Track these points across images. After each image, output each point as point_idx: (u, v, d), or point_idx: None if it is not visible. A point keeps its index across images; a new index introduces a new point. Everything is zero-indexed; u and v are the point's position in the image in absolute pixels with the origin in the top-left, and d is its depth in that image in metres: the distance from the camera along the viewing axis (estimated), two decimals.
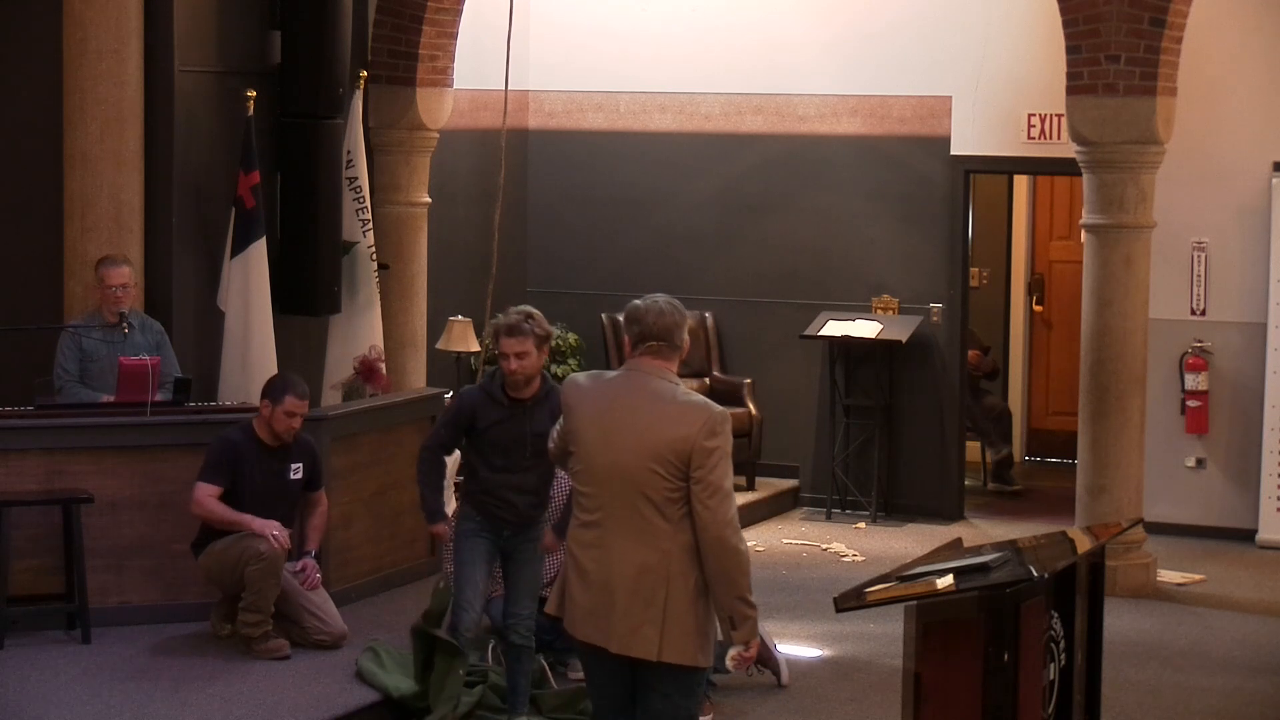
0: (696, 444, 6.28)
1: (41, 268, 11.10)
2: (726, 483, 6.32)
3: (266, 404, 9.65)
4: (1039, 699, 7.11)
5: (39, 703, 8.78)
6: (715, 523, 6.28)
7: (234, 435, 9.67)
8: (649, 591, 6.35)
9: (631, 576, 6.37)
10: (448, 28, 12.68)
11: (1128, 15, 11.18)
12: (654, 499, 6.34)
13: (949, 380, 13.60)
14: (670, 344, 6.46)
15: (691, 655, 6.38)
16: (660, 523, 6.34)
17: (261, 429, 9.67)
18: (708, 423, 6.32)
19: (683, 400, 6.39)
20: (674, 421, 6.33)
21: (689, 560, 6.34)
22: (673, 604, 6.34)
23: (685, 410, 6.35)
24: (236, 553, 9.45)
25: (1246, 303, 12.89)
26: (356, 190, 12.05)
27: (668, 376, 6.45)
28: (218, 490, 9.54)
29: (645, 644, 6.35)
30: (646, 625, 6.35)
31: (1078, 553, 7.66)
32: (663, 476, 6.31)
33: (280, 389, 9.68)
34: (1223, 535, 12.92)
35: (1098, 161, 11.39)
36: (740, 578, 6.32)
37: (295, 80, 11.74)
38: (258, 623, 9.53)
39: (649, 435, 6.34)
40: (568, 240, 14.56)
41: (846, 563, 12.34)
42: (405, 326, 12.66)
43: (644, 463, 6.33)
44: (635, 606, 6.36)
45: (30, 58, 11.18)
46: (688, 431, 6.30)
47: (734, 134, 14.16)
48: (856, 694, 9.48)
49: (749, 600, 6.35)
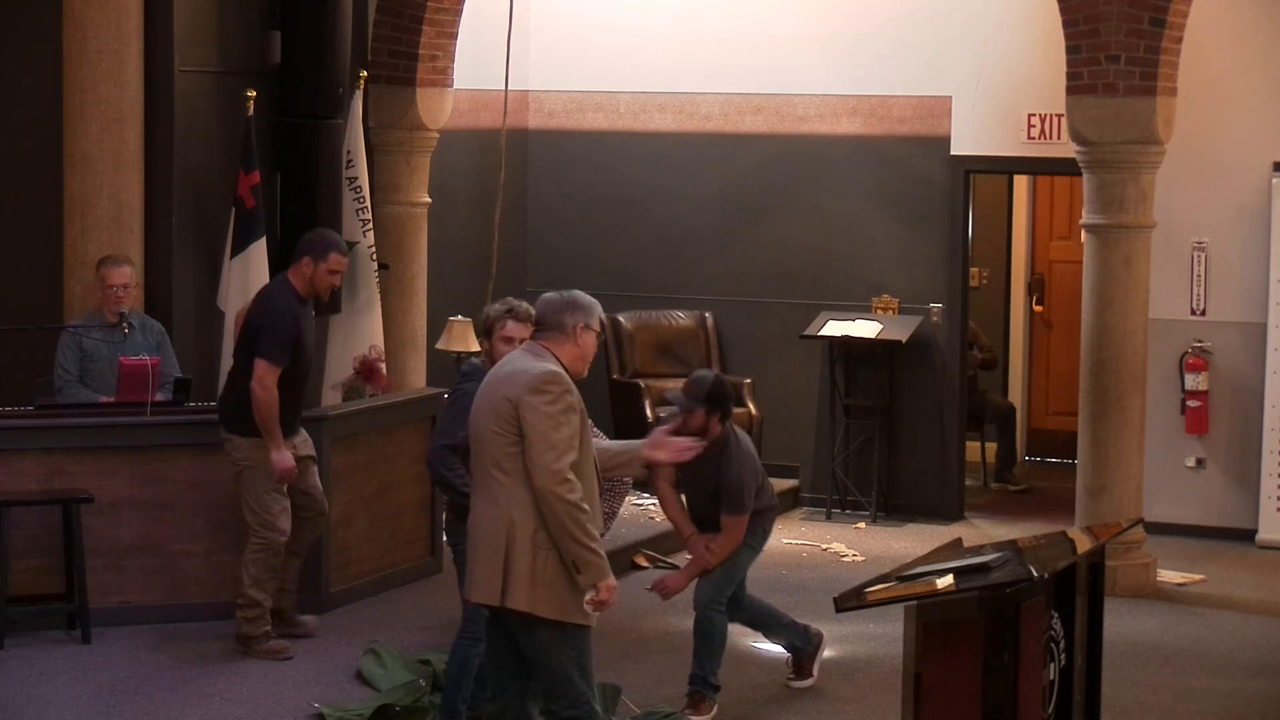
0: (521, 399, 6.75)
1: (41, 268, 11.11)
2: (554, 435, 6.72)
3: (308, 261, 9.56)
4: (1039, 699, 7.11)
5: (39, 703, 8.79)
6: (538, 473, 6.71)
7: (286, 306, 9.52)
8: (493, 541, 6.82)
9: (484, 530, 6.88)
10: (448, 28, 12.68)
11: (1128, 15, 11.18)
12: (496, 457, 6.82)
13: (949, 380, 13.60)
14: (550, 326, 6.96)
15: (531, 603, 6.75)
16: (502, 478, 6.81)
17: (300, 284, 9.59)
18: (532, 381, 6.77)
19: (522, 366, 6.85)
20: (508, 383, 6.84)
21: (527, 513, 6.77)
22: (513, 554, 6.78)
23: (520, 373, 6.81)
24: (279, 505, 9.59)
25: (1246, 303, 12.89)
26: (356, 190, 12.05)
27: (539, 352, 6.92)
28: (279, 371, 9.45)
29: (490, 591, 6.83)
30: (492, 574, 6.81)
31: (1078, 553, 7.67)
32: (499, 434, 6.80)
33: (324, 246, 9.61)
34: (1223, 535, 12.91)
35: (1098, 161, 11.39)
36: (568, 522, 6.71)
37: (295, 80, 11.75)
38: (256, 618, 9.54)
39: (491, 398, 6.87)
40: (568, 240, 14.56)
41: (846, 563, 12.34)
42: (405, 326, 12.67)
43: (488, 424, 6.85)
44: (486, 556, 6.85)
45: (30, 58, 11.18)
46: (514, 390, 6.78)
47: (734, 134, 14.16)
48: (856, 694, 9.48)
49: (587, 545, 6.73)
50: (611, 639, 10.12)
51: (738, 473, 9.02)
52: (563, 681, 6.83)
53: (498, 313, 8.40)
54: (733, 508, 9.03)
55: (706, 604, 9.07)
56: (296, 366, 9.58)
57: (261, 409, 9.46)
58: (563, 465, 6.70)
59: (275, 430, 9.47)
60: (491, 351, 8.35)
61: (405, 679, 9.13)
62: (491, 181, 13.49)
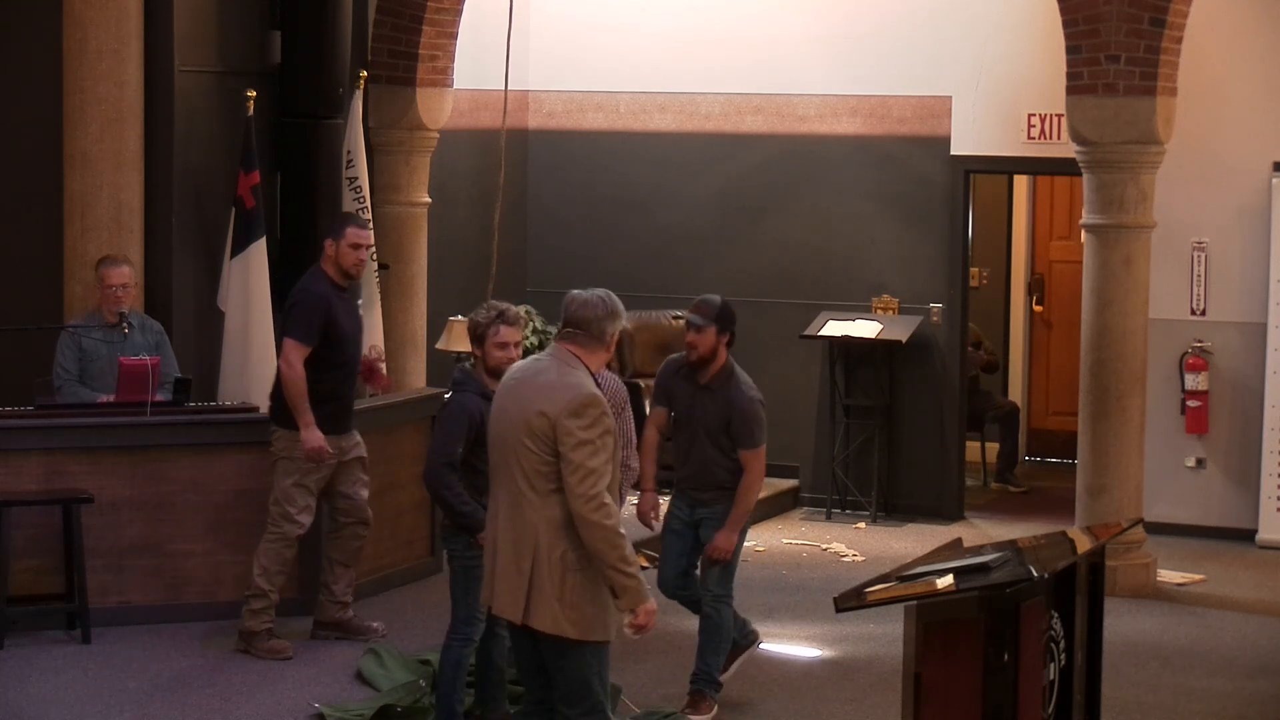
0: (559, 422, 6.59)
1: (41, 268, 11.10)
2: (592, 462, 6.58)
3: (329, 242, 9.64)
4: (1039, 699, 7.11)
5: (39, 703, 8.79)
6: (575, 498, 6.58)
7: (316, 288, 9.57)
8: (518, 559, 6.70)
9: (508, 543, 6.75)
10: (448, 28, 12.68)
11: (1128, 15, 11.18)
12: (526, 471, 6.67)
13: (949, 380, 13.60)
14: (588, 333, 6.76)
15: (556, 624, 6.66)
16: (530, 494, 6.67)
17: (331, 270, 9.63)
18: (570, 403, 6.59)
19: (558, 380, 6.68)
20: (544, 399, 6.64)
21: (556, 533, 6.65)
22: (538, 573, 6.66)
23: (556, 389, 6.65)
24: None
25: (1246, 303, 12.89)
26: (356, 190, 12.05)
27: (571, 361, 6.73)
28: (307, 351, 9.47)
29: (513, 608, 6.72)
30: (516, 590, 6.70)
31: (1078, 553, 7.67)
32: (532, 450, 6.64)
33: (339, 224, 9.72)
34: (1223, 535, 12.91)
35: (1098, 161, 11.39)
36: (608, 550, 6.61)
37: (295, 80, 11.75)
38: (261, 610, 9.56)
39: (523, 409, 6.68)
40: (568, 240, 14.56)
41: (846, 563, 12.34)
42: (405, 326, 12.67)
43: (518, 435, 6.68)
44: (510, 571, 6.73)
45: (30, 58, 11.18)
46: (551, 409, 6.60)
47: (734, 134, 14.16)
48: (856, 694, 9.48)
49: (623, 570, 6.64)
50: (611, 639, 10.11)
51: (748, 399, 8.96)
52: (583, 689, 6.78)
53: (487, 319, 8.33)
54: (748, 439, 8.91)
55: (715, 598, 9.00)
56: (335, 353, 9.58)
57: (288, 387, 9.48)
58: (600, 489, 6.59)
59: (304, 408, 9.47)
60: (485, 359, 8.31)
61: (405, 679, 9.13)
62: (491, 181, 13.49)
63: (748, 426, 8.92)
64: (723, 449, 8.95)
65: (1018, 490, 14.58)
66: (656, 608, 6.79)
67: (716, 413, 8.93)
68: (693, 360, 8.98)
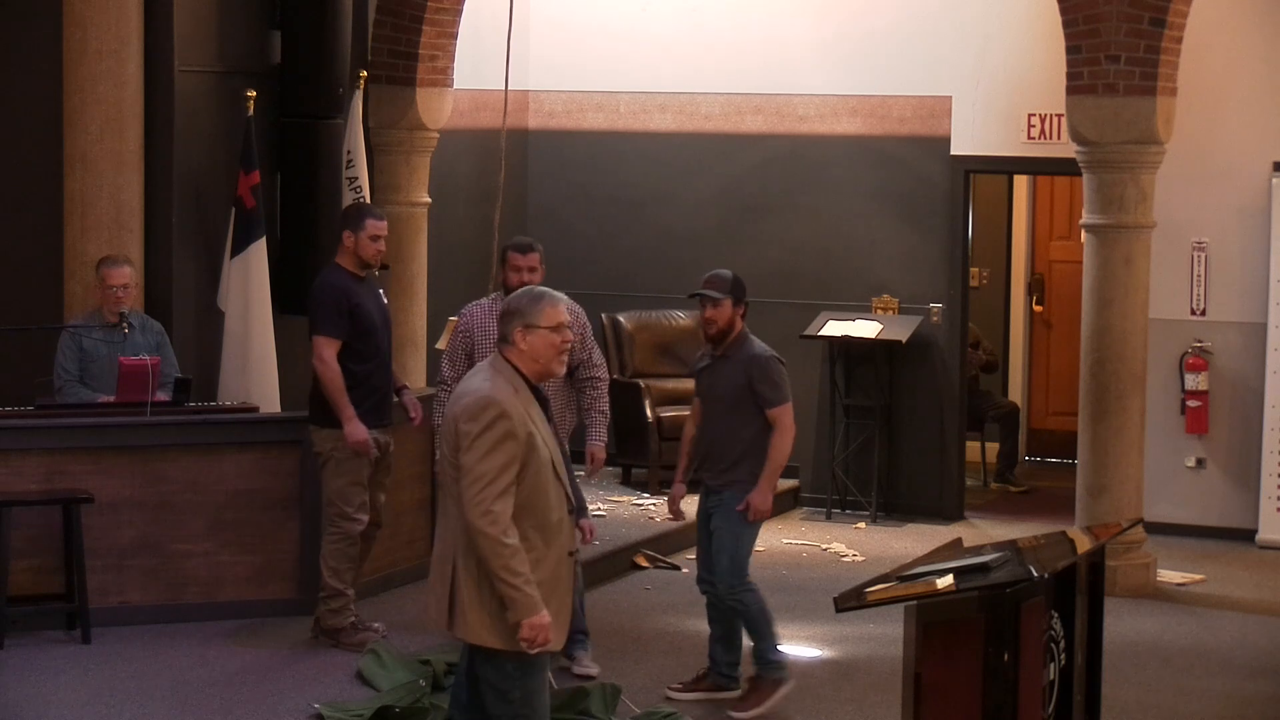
0: (458, 427, 6.51)
1: (41, 268, 11.10)
2: (481, 466, 6.43)
3: (348, 234, 9.63)
4: (1039, 699, 7.11)
5: (39, 703, 8.78)
6: (464, 505, 6.47)
7: (335, 280, 9.58)
8: (442, 568, 6.63)
9: (437, 553, 6.71)
10: (448, 28, 12.68)
11: (1128, 15, 11.19)
12: (446, 481, 6.65)
13: (949, 380, 13.60)
14: (504, 339, 6.68)
15: (477, 634, 6.56)
16: (451, 505, 6.61)
17: (349, 263, 9.64)
18: (468, 406, 6.51)
19: (470, 386, 6.63)
20: (456, 404, 6.59)
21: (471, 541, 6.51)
22: (458, 581, 6.56)
23: (464, 395, 6.59)
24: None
25: (1246, 303, 12.89)
26: (356, 190, 12.05)
27: (498, 365, 6.64)
28: (338, 344, 9.49)
29: (439, 616, 6.66)
30: (441, 599, 6.62)
31: (1078, 553, 7.66)
32: (449, 458, 6.58)
33: (358, 216, 9.71)
34: (1223, 535, 12.92)
35: (1098, 161, 11.39)
36: (490, 558, 6.44)
37: (295, 80, 11.75)
38: (340, 609, 9.59)
39: (447, 418, 6.66)
40: (568, 240, 14.55)
41: (846, 563, 12.34)
42: (405, 326, 12.66)
43: (443, 446, 6.67)
44: (435, 583, 6.68)
45: (30, 58, 11.18)
46: (453, 415, 6.56)
47: (734, 134, 14.16)
48: (856, 694, 9.48)
49: (507, 580, 6.43)
50: (611, 639, 10.12)
51: (765, 357, 9.04)
52: (499, 699, 6.61)
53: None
54: (772, 394, 8.96)
55: (730, 590, 9.00)
56: (363, 343, 9.58)
57: (325, 383, 9.50)
58: (486, 497, 6.40)
59: (344, 403, 9.47)
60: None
61: (405, 679, 9.12)
62: (491, 181, 13.48)
63: (769, 382, 9.00)
64: (740, 415, 8.98)
65: (1018, 490, 14.59)
66: (548, 622, 6.47)
67: (731, 377, 9.04)
68: (711, 334, 9.08)
